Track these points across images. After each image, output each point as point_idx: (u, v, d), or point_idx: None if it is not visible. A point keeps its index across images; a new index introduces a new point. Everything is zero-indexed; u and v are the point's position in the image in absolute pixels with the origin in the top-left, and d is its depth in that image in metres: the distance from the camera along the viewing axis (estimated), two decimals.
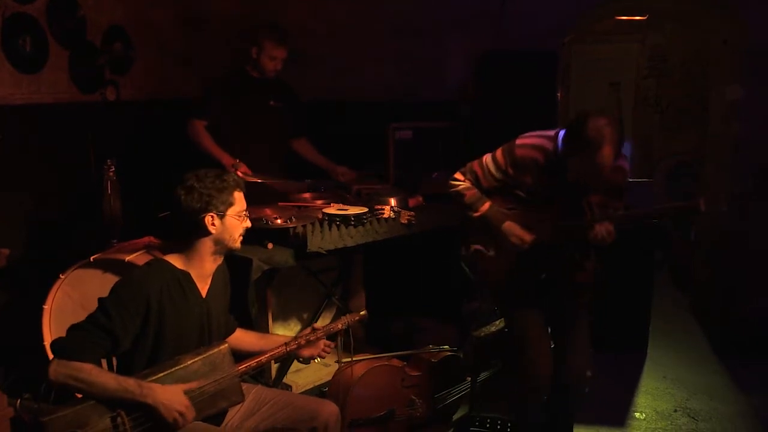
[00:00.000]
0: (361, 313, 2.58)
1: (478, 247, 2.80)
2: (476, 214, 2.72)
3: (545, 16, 4.20)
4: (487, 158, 2.73)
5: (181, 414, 2.00)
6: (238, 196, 2.20)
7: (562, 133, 2.57)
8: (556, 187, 2.59)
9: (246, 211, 2.24)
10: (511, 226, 2.66)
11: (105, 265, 2.83)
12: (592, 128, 2.37)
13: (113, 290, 2.06)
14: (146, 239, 2.99)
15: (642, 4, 5.53)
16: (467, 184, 2.74)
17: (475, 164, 2.75)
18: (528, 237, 2.64)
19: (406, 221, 3.33)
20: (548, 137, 2.61)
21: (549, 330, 2.79)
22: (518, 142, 2.65)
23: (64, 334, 2.01)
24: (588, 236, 2.51)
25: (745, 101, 4.10)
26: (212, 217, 2.14)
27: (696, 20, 5.21)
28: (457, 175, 2.78)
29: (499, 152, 2.69)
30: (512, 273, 2.73)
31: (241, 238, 2.24)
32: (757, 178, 3.97)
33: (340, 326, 2.49)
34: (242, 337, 2.44)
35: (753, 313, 4.07)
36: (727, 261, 4.26)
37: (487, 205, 2.70)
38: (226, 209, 2.16)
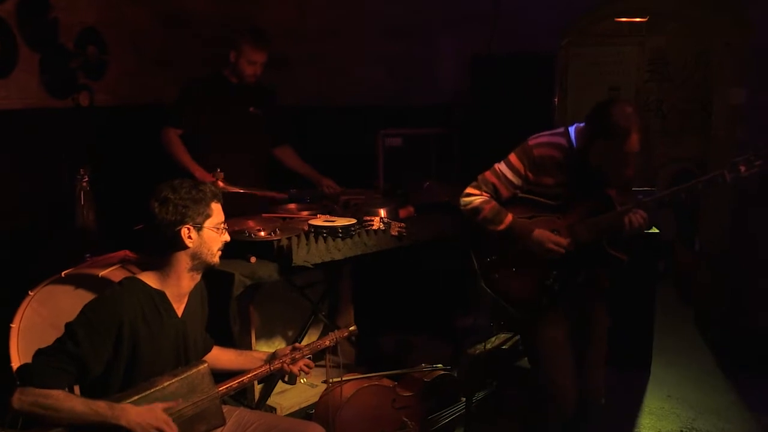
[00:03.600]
0: (351, 328, 2.57)
1: (502, 264, 2.75)
2: (501, 228, 2.65)
3: (542, 18, 4.23)
4: (501, 166, 2.69)
5: (160, 431, 1.98)
6: (216, 208, 2.19)
7: (572, 128, 2.61)
8: (577, 184, 2.61)
9: (224, 223, 2.23)
10: (543, 234, 2.62)
11: (77, 281, 2.80)
12: (620, 115, 2.42)
13: (82, 313, 2.03)
14: (122, 253, 2.97)
15: (642, 6, 5.59)
16: (485, 197, 2.68)
17: (488, 175, 2.71)
18: (564, 241, 2.61)
19: (396, 233, 3.33)
20: (560, 133, 2.64)
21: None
22: (532, 142, 2.65)
23: (33, 356, 1.99)
24: (623, 227, 2.53)
25: (749, 104, 4.14)
26: (189, 229, 2.12)
27: (697, 22, 5.27)
28: (470, 190, 2.72)
29: (513, 157, 2.67)
30: (546, 284, 2.68)
31: (220, 252, 2.22)
32: (763, 183, 3.99)
33: (327, 343, 2.48)
34: (219, 356, 2.43)
35: (761, 326, 4.09)
36: (733, 271, 4.28)
37: (510, 217, 2.65)
38: (204, 221, 2.15)
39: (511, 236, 2.67)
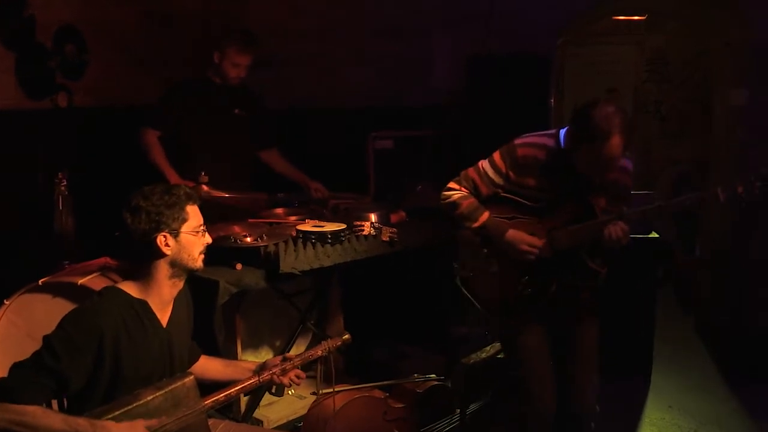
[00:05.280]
0: (344, 337, 2.55)
1: (478, 264, 2.78)
2: (475, 225, 2.69)
3: (537, 17, 4.26)
4: (484, 163, 2.73)
5: None
6: (192, 210, 2.16)
7: (563, 131, 2.63)
8: (561, 187, 2.62)
9: (203, 225, 2.20)
10: (516, 234, 2.64)
11: (56, 290, 2.79)
12: (601, 116, 2.40)
13: (61, 326, 2.00)
14: (102, 260, 2.96)
15: (640, 4, 5.63)
16: (463, 192, 2.73)
17: (470, 171, 2.75)
18: (538, 242, 2.63)
19: (387, 238, 3.33)
20: (549, 135, 2.67)
21: (554, 356, 2.79)
22: (517, 142, 2.68)
23: (9, 366, 1.96)
24: (602, 238, 2.52)
25: (750, 105, 4.17)
26: (165, 237, 2.09)
27: (697, 20, 5.31)
28: (451, 185, 2.77)
29: (497, 155, 2.70)
30: (517, 289, 2.70)
31: (203, 256, 2.20)
32: (765, 186, 4.01)
33: (319, 353, 2.46)
34: (207, 365, 2.42)
35: (762, 331, 4.11)
36: (733, 276, 4.31)
37: (486, 215, 2.69)
38: (180, 226, 2.12)
39: (484, 235, 2.70)
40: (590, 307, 2.79)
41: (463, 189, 2.74)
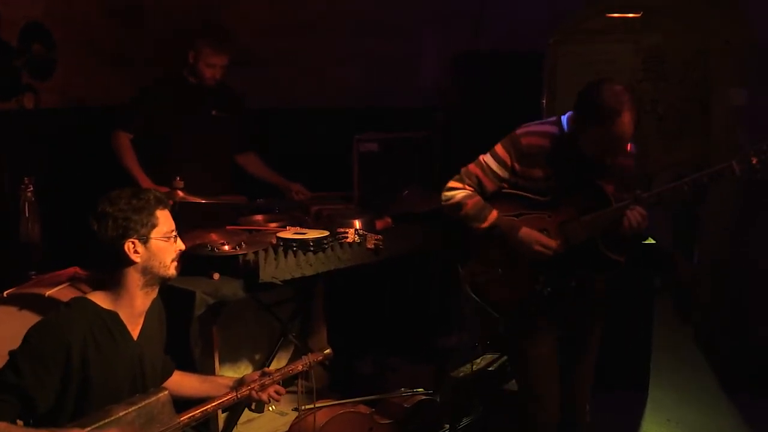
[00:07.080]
0: (325, 351, 2.56)
1: (488, 267, 2.76)
2: (484, 225, 2.66)
3: (529, 14, 4.29)
4: (486, 158, 2.71)
5: None
6: (162, 215, 2.16)
7: (565, 116, 2.65)
8: (569, 176, 2.62)
9: (175, 231, 2.20)
10: (530, 233, 2.62)
11: (21, 302, 2.77)
12: (610, 95, 2.45)
13: (25, 339, 2.00)
14: (71, 270, 2.94)
15: (636, 1, 5.68)
16: (468, 191, 2.70)
17: (471, 167, 2.73)
18: (553, 243, 2.61)
19: (372, 246, 3.34)
20: (551, 122, 2.68)
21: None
22: (520, 131, 2.68)
23: None
24: (621, 225, 2.53)
25: (750, 105, 4.22)
26: (133, 243, 2.09)
27: (695, 18, 5.37)
28: (452, 183, 2.74)
29: (499, 148, 2.69)
30: (535, 288, 2.68)
31: (175, 263, 2.19)
32: (765, 187, 4.06)
33: (300, 368, 2.47)
34: (181, 381, 2.42)
35: (764, 341, 4.15)
36: (734, 285, 4.34)
37: (494, 214, 2.66)
38: (149, 232, 2.11)
39: (495, 235, 2.68)
40: (603, 304, 2.81)
41: (466, 187, 2.71)
